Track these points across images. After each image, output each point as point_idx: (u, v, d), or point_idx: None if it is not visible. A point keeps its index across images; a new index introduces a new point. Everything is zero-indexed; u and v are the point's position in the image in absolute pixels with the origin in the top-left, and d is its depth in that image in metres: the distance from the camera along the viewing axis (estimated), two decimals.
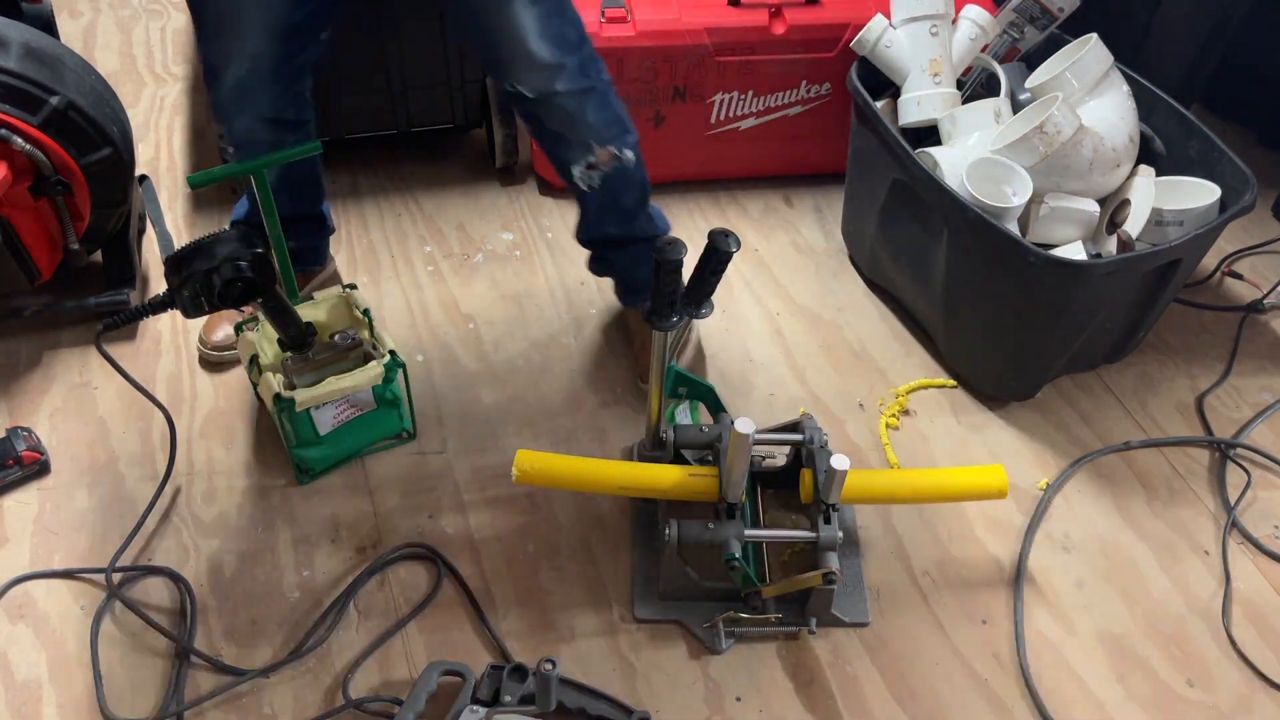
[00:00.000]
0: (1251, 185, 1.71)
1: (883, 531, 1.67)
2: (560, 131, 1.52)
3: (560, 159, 1.58)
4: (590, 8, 2.03)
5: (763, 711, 1.44)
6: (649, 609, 1.54)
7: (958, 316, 1.86)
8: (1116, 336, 1.88)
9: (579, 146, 1.54)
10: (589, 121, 1.52)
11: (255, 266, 1.32)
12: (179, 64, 2.61)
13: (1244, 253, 2.21)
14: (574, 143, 1.53)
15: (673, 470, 1.51)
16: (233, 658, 1.47)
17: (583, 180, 1.56)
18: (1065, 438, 1.83)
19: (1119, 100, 1.79)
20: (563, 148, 1.55)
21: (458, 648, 1.49)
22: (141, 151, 2.30)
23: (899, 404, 1.86)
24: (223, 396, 1.82)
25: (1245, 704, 1.48)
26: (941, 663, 1.51)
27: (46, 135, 1.65)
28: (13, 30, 1.65)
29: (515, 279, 2.08)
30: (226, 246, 1.32)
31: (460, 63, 2.14)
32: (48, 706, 1.41)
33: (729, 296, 2.05)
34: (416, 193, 2.27)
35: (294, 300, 1.65)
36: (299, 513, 1.65)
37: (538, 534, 1.64)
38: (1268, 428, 1.87)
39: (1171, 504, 1.74)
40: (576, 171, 1.56)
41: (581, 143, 1.53)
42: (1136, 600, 1.60)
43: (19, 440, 1.66)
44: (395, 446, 1.75)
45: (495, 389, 1.86)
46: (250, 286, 1.33)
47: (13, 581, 1.53)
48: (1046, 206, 1.74)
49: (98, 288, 1.91)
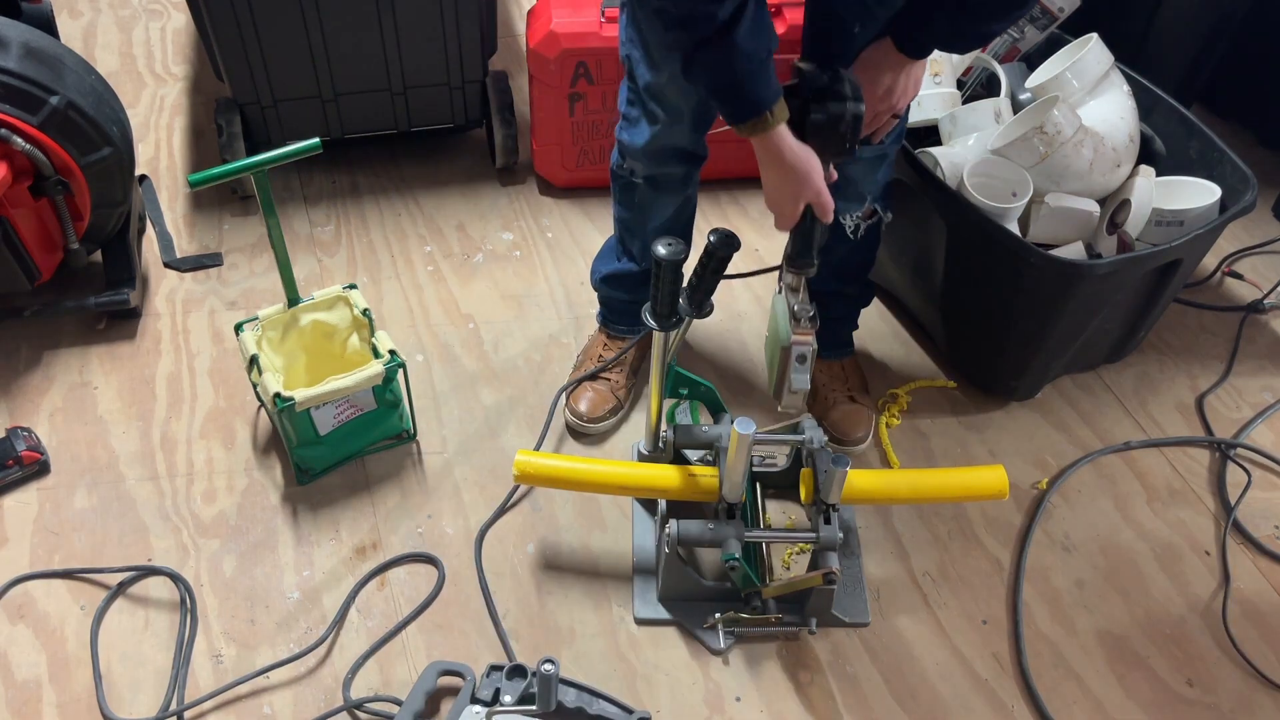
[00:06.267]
0: (1251, 185, 1.71)
1: (883, 531, 1.67)
2: (854, 179, 1.56)
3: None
4: (590, 7, 2.03)
5: (763, 711, 1.44)
6: (649, 609, 1.54)
7: (958, 316, 1.86)
8: (1116, 336, 1.88)
9: (856, 198, 1.60)
10: (877, 180, 1.59)
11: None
12: (179, 64, 2.61)
13: (1244, 253, 2.21)
14: (853, 194, 1.59)
15: (673, 470, 1.51)
16: (233, 658, 1.47)
17: (849, 225, 1.62)
18: (1065, 438, 1.83)
19: (1119, 100, 1.79)
20: (842, 195, 1.56)
21: (458, 648, 1.49)
22: (141, 151, 2.30)
23: (899, 404, 1.86)
24: (223, 396, 1.82)
25: (1245, 704, 1.48)
26: (941, 663, 1.51)
27: (46, 135, 1.65)
28: (13, 30, 1.65)
29: (515, 279, 2.08)
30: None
31: (460, 63, 2.14)
32: (48, 706, 1.41)
33: (729, 296, 2.05)
34: (416, 193, 2.27)
35: (294, 300, 1.65)
36: (299, 513, 1.65)
37: (538, 534, 1.64)
38: (1268, 428, 1.87)
39: (1171, 504, 1.74)
40: (847, 219, 1.62)
41: (859, 195, 1.60)
42: (1136, 600, 1.60)
43: (19, 440, 1.66)
44: (395, 446, 1.75)
45: (495, 389, 1.86)
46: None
47: (13, 581, 1.53)
48: (1046, 206, 1.74)
49: (98, 288, 1.91)
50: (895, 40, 1.32)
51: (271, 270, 2.03)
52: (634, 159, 1.57)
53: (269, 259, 2.07)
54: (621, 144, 1.58)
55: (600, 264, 1.81)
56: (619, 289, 1.79)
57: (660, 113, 1.47)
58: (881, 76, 1.36)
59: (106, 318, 1.93)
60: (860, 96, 1.26)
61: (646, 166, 1.57)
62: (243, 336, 1.63)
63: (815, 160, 1.28)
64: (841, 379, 1.82)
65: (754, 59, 1.18)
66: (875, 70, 1.36)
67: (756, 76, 1.20)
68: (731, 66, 1.18)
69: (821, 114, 1.25)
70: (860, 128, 1.27)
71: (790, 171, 1.27)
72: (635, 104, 1.50)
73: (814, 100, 1.25)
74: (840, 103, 1.24)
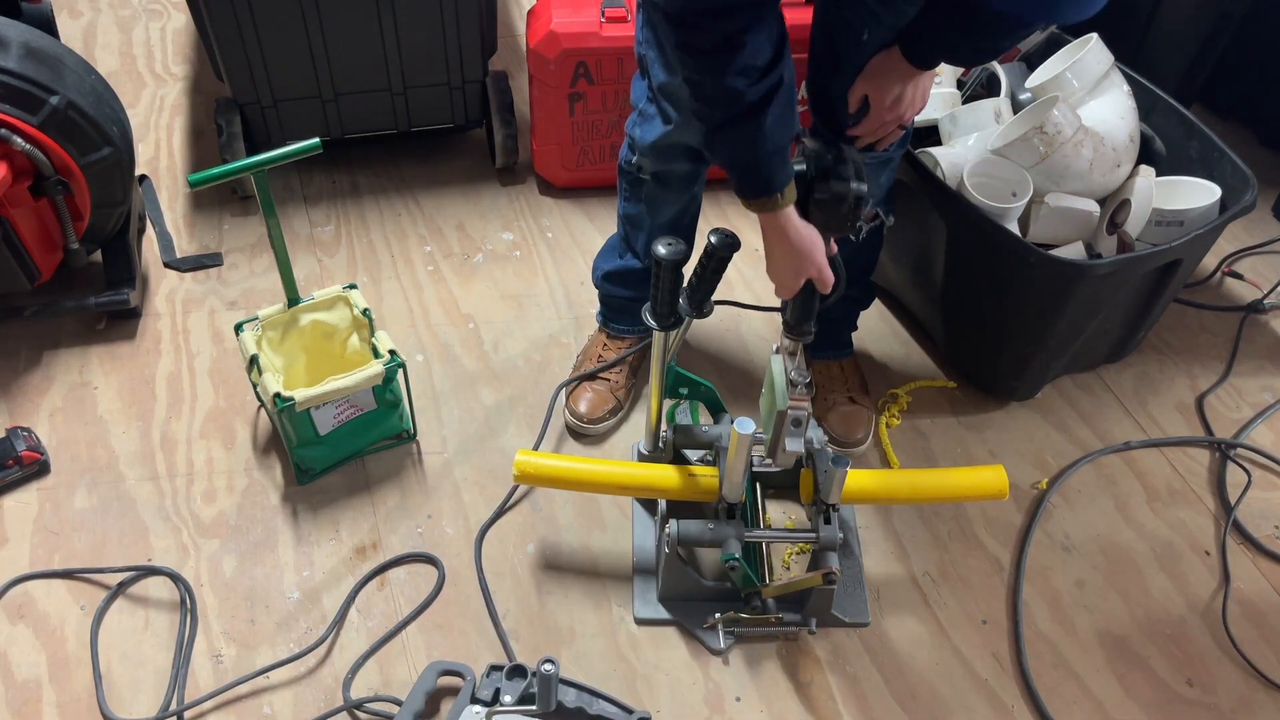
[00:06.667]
0: (1251, 185, 1.71)
1: (883, 531, 1.67)
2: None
3: None
4: (590, 7, 2.03)
5: (763, 711, 1.44)
6: (649, 609, 1.54)
7: (958, 316, 1.86)
8: (1116, 336, 1.88)
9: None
10: (880, 183, 1.59)
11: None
12: (179, 64, 2.61)
13: (1244, 253, 2.21)
14: None
15: (673, 470, 1.51)
16: (233, 658, 1.47)
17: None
18: (1065, 438, 1.83)
19: (1119, 100, 1.79)
20: None
21: (458, 648, 1.49)
22: (141, 151, 2.30)
23: (899, 404, 1.86)
24: (223, 396, 1.82)
25: (1245, 704, 1.48)
26: (941, 663, 1.51)
27: (46, 135, 1.65)
28: (13, 30, 1.65)
29: (515, 279, 2.08)
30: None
31: (460, 63, 2.14)
32: (48, 706, 1.41)
33: (729, 295, 2.04)
34: (416, 193, 2.27)
35: (294, 300, 1.65)
36: (299, 513, 1.65)
37: (538, 534, 1.64)
38: (1268, 428, 1.87)
39: (1171, 504, 1.74)
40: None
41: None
42: (1136, 600, 1.60)
43: (19, 440, 1.66)
44: (395, 446, 1.75)
45: (495, 389, 1.86)
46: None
47: (13, 581, 1.53)
48: (1046, 206, 1.74)
49: (98, 288, 1.91)
50: (903, 50, 1.33)
51: (271, 270, 2.03)
52: (643, 155, 1.57)
53: (269, 259, 2.07)
54: (632, 139, 1.58)
55: (602, 261, 1.82)
56: (621, 286, 1.79)
57: (673, 113, 1.48)
58: (889, 86, 1.37)
59: (106, 318, 1.93)
60: (863, 176, 1.28)
61: (654, 163, 1.58)
62: (243, 336, 1.63)
63: (818, 239, 1.31)
64: (841, 379, 1.82)
65: (777, 142, 1.21)
66: (883, 79, 1.36)
67: (775, 159, 1.23)
68: (755, 146, 1.21)
69: (825, 194, 1.27)
70: (862, 208, 1.29)
71: (794, 249, 1.30)
72: (653, 101, 1.51)
73: (818, 179, 1.28)
74: (844, 183, 1.27)
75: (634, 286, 1.77)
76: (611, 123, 2.15)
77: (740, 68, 1.14)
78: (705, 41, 1.14)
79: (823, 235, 1.32)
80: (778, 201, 1.26)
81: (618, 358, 1.81)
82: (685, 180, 1.62)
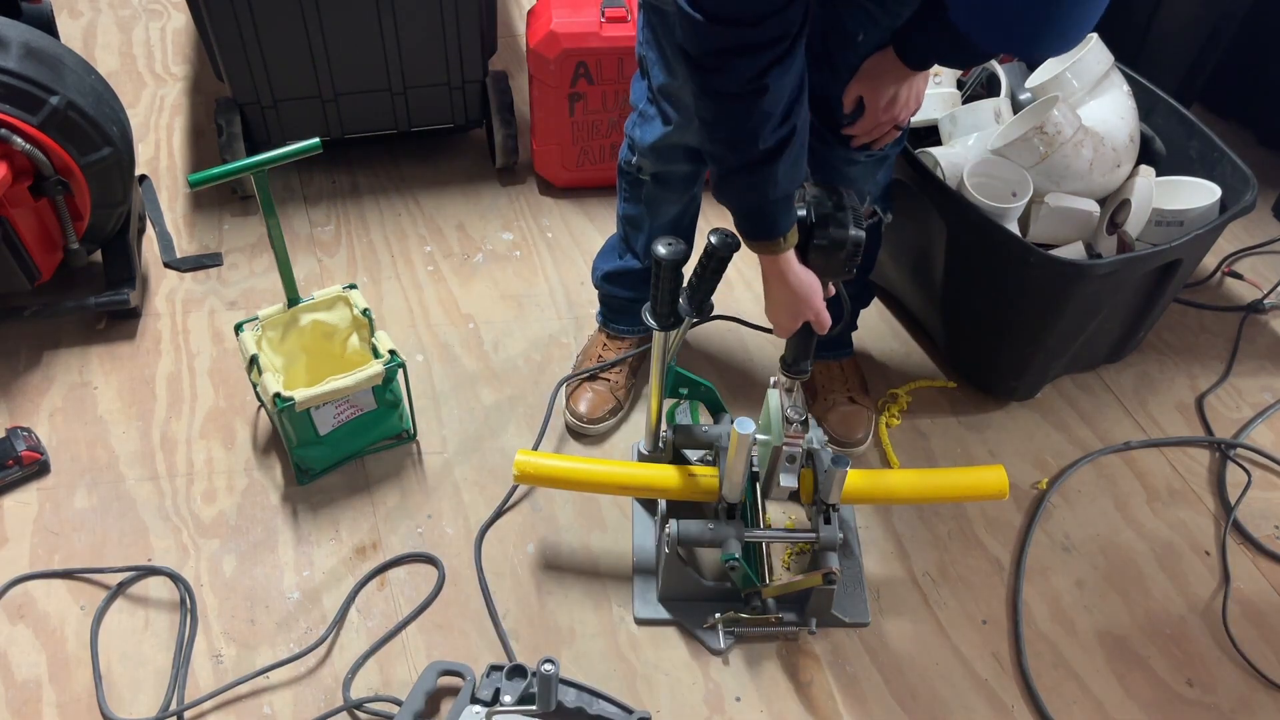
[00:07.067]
0: (1251, 185, 1.71)
1: (883, 531, 1.67)
2: (854, 180, 1.56)
3: None
4: (590, 7, 2.03)
5: (763, 711, 1.44)
6: (649, 609, 1.54)
7: (958, 317, 1.86)
8: (1116, 336, 1.88)
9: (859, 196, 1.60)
10: (878, 180, 1.60)
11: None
12: (179, 64, 2.61)
13: (1244, 253, 2.21)
14: (857, 193, 1.59)
15: (673, 470, 1.51)
16: (233, 658, 1.47)
17: None
18: (1065, 438, 1.83)
19: (1119, 100, 1.79)
20: None
21: (458, 648, 1.49)
22: (141, 151, 2.30)
23: (899, 404, 1.86)
24: (223, 396, 1.82)
25: (1245, 704, 1.48)
26: (941, 663, 1.51)
27: (46, 135, 1.65)
28: (13, 30, 1.65)
29: (515, 279, 2.08)
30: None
31: (460, 63, 2.14)
32: (48, 706, 1.41)
33: (729, 295, 2.05)
34: (416, 193, 2.27)
35: (294, 300, 1.65)
36: (299, 513, 1.65)
37: (538, 534, 1.64)
38: (1268, 428, 1.87)
39: (1171, 504, 1.74)
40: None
41: (859, 195, 1.59)
42: (1136, 600, 1.60)
43: (19, 440, 1.66)
44: (395, 446, 1.75)
45: (495, 389, 1.86)
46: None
47: (13, 581, 1.53)
48: (1046, 206, 1.74)
49: (98, 288, 1.91)
50: (898, 50, 1.33)
51: (271, 270, 2.03)
52: (643, 156, 1.57)
53: (269, 259, 2.07)
54: (631, 139, 1.58)
55: (602, 262, 1.82)
56: (620, 287, 1.79)
57: (673, 114, 1.48)
58: (884, 87, 1.37)
59: (106, 318, 1.93)
60: (861, 224, 1.29)
61: (654, 164, 1.58)
62: (243, 336, 1.63)
63: (816, 283, 1.33)
64: (841, 380, 1.82)
65: (786, 189, 1.22)
66: (878, 80, 1.36)
67: (783, 204, 1.24)
68: (764, 192, 1.21)
69: (824, 239, 1.29)
70: (860, 254, 1.30)
71: (793, 293, 1.31)
72: (653, 102, 1.51)
73: (818, 226, 1.29)
74: (843, 230, 1.28)
75: (634, 287, 1.77)
76: (611, 123, 2.15)
77: (762, 114, 1.14)
78: (730, 85, 1.13)
79: (820, 279, 1.33)
80: (780, 245, 1.27)
81: (618, 358, 1.81)
82: (685, 181, 1.62)
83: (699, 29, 1.10)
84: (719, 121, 1.18)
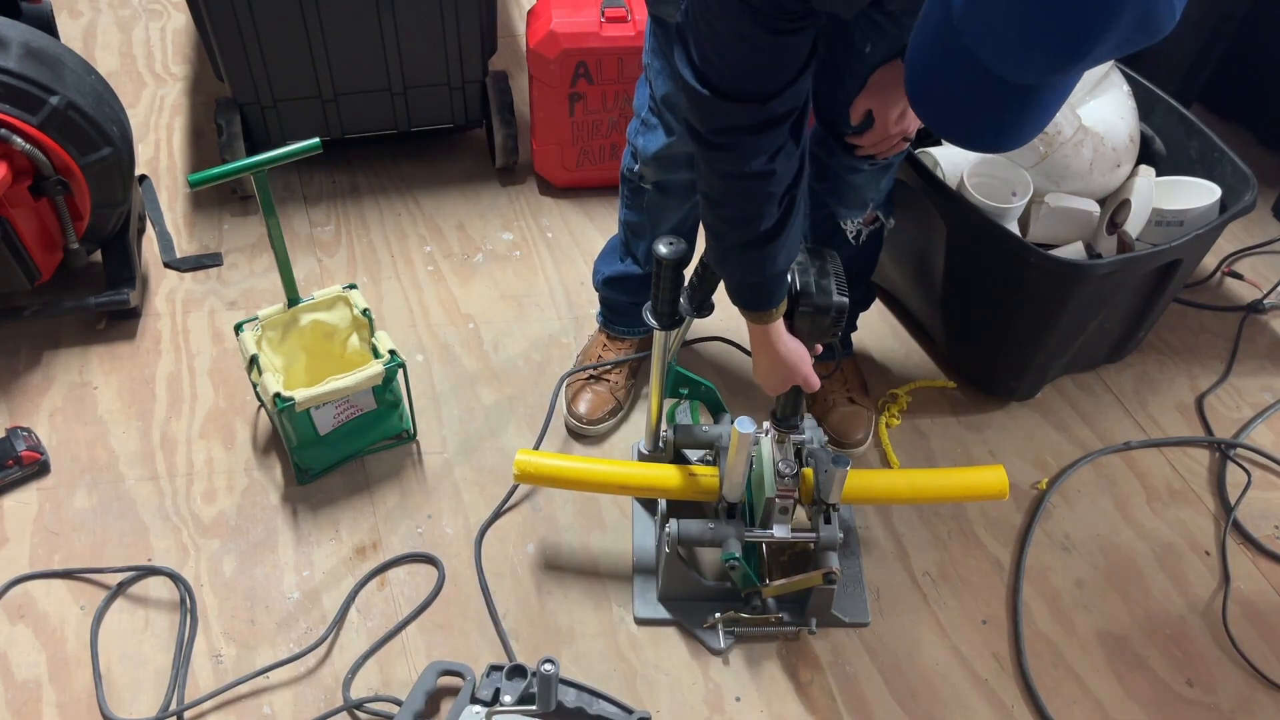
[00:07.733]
0: (1251, 185, 1.71)
1: (883, 531, 1.67)
2: (858, 186, 1.56)
3: (833, 210, 1.62)
4: (590, 7, 2.03)
5: (763, 711, 1.44)
6: (649, 609, 1.54)
7: (958, 317, 1.86)
8: (1116, 336, 1.88)
9: (858, 204, 1.60)
10: (881, 187, 1.60)
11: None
12: (179, 64, 2.61)
13: (1244, 253, 2.21)
14: (856, 201, 1.60)
15: (673, 470, 1.51)
16: (233, 658, 1.47)
17: (851, 231, 1.64)
18: (1065, 438, 1.83)
19: (1119, 100, 1.79)
20: (844, 202, 1.59)
21: (458, 648, 1.49)
22: (141, 151, 2.30)
23: (899, 404, 1.86)
24: (223, 396, 1.82)
25: (1245, 704, 1.48)
26: (941, 663, 1.51)
27: (46, 135, 1.65)
28: (13, 30, 1.65)
29: (515, 279, 2.08)
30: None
31: (460, 63, 2.14)
32: (48, 706, 1.41)
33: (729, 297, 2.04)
34: (416, 193, 2.27)
35: (294, 300, 1.65)
36: (299, 513, 1.65)
37: (538, 534, 1.64)
38: (1268, 428, 1.87)
39: (1171, 504, 1.74)
40: (849, 225, 1.63)
41: (862, 201, 1.61)
42: (1136, 600, 1.60)
43: (19, 440, 1.66)
44: (395, 446, 1.75)
45: (495, 389, 1.86)
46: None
47: (13, 581, 1.53)
48: (1046, 206, 1.74)
49: (98, 288, 1.91)
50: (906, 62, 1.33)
51: (271, 270, 2.03)
52: (645, 164, 1.57)
53: (269, 259, 2.07)
54: (635, 148, 1.58)
55: (602, 265, 1.81)
56: (621, 291, 1.79)
57: (676, 125, 1.48)
58: (895, 100, 1.37)
59: (106, 318, 1.93)
60: (845, 291, 1.31)
61: (657, 172, 1.58)
62: (243, 336, 1.63)
63: (804, 351, 1.35)
64: (841, 380, 1.82)
65: (783, 265, 1.24)
66: (889, 94, 1.36)
67: (779, 278, 1.26)
68: (763, 268, 1.23)
69: (809, 307, 1.32)
70: (844, 319, 1.33)
71: (781, 360, 1.34)
72: (655, 112, 1.51)
73: (802, 294, 1.31)
74: (827, 297, 1.31)
75: (633, 292, 1.77)
76: (611, 123, 2.15)
77: (766, 194, 1.15)
78: (739, 166, 1.12)
79: (806, 343, 1.35)
80: (771, 314, 1.29)
81: (619, 359, 1.81)
82: (687, 189, 1.62)
83: (706, 105, 1.08)
84: (725, 201, 1.18)
